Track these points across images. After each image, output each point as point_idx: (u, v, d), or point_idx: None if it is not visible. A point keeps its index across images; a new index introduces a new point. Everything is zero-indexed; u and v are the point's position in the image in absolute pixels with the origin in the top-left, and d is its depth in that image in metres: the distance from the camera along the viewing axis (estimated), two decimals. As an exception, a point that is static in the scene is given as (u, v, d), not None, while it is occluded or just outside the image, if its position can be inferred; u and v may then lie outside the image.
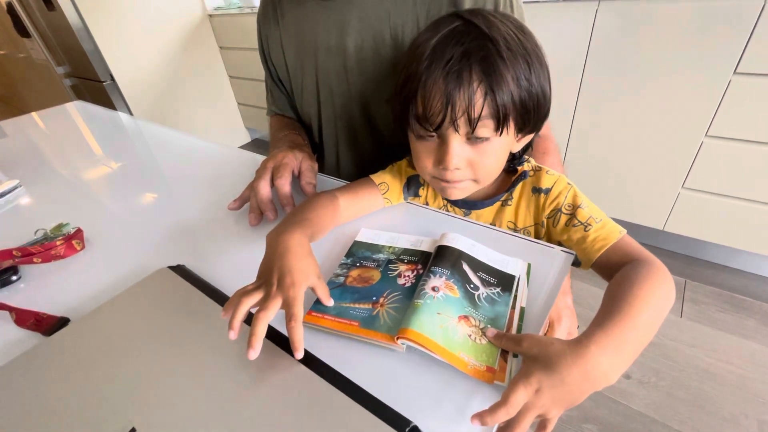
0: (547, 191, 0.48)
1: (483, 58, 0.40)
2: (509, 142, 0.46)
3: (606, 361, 0.30)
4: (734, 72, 1.05)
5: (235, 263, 0.48)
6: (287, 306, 0.33)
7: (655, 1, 1.07)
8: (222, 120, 2.57)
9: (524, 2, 1.23)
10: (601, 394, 1.05)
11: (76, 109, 1.17)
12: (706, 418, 0.97)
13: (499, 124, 0.42)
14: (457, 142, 0.43)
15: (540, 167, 0.51)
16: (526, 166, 0.51)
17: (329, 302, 0.39)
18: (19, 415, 0.32)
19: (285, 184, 0.54)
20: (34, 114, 1.15)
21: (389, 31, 0.57)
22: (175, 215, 0.60)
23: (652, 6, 1.08)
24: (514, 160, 0.51)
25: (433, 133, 0.44)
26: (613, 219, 0.45)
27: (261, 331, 0.32)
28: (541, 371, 0.30)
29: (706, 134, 1.16)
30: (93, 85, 2.05)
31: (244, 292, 0.35)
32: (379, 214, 0.54)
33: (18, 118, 1.13)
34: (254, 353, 0.31)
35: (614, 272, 0.40)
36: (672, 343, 1.15)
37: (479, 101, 0.40)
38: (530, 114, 0.44)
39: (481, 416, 0.28)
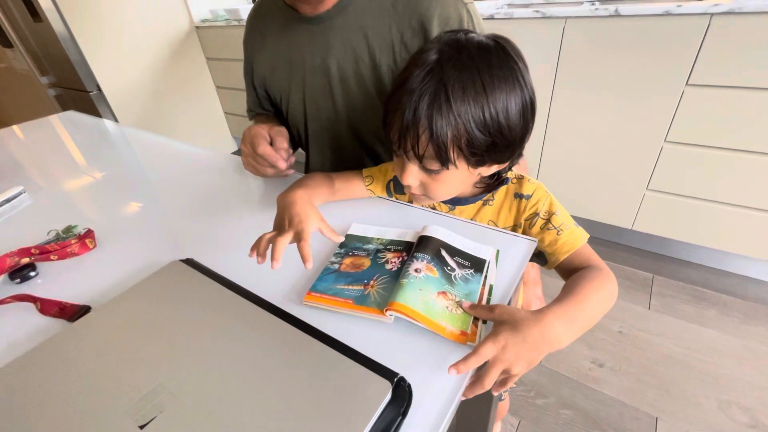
0: (528, 197, 0.55)
1: (431, 104, 0.43)
2: (463, 173, 0.49)
3: (559, 326, 0.38)
4: (686, 83, 1.16)
5: (237, 257, 0.53)
6: (297, 235, 0.42)
7: (615, 20, 1.18)
8: (209, 129, 2.60)
9: (500, 18, 1.33)
10: (577, 381, 1.12)
11: (69, 119, 1.20)
12: (671, 401, 1.05)
13: (443, 163, 0.46)
14: (411, 167, 0.49)
15: (522, 176, 0.57)
16: (508, 174, 0.56)
17: (337, 238, 0.48)
18: (50, 392, 0.36)
19: (267, 149, 0.60)
20: (30, 123, 1.18)
21: (368, 53, 0.63)
22: (176, 215, 0.64)
23: (613, 24, 1.19)
24: (492, 177, 0.55)
25: (398, 154, 0.50)
26: (586, 219, 0.53)
27: (280, 248, 0.41)
28: (508, 331, 0.36)
29: (665, 140, 1.26)
30: (78, 95, 2.05)
31: (264, 234, 0.43)
32: (368, 211, 0.60)
33: (13, 127, 1.15)
34: (278, 264, 0.40)
35: (571, 273, 0.49)
36: (641, 334, 1.24)
37: (423, 143, 0.45)
38: (484, 153, 0.46)
39: (456, 365, 0.34)
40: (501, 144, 0.46)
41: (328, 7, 0.63)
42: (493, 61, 0.45)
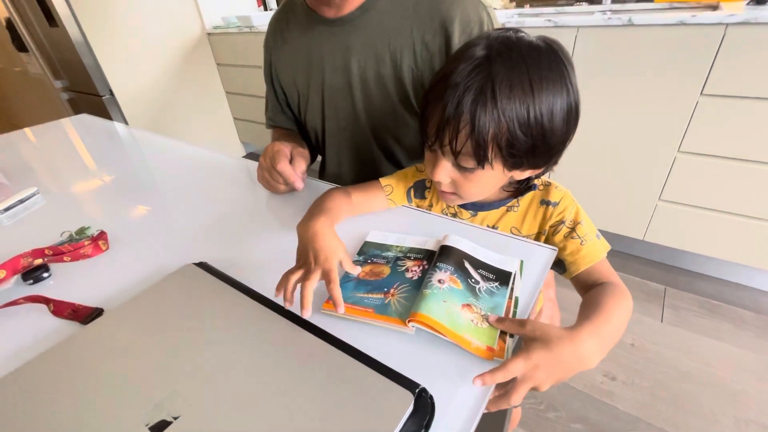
0: (555, 204, 0.54)
1: (476, 99, 0.42)
2: (498, 174, 0.48)
3: (592, 346, 0.37)
4: (701, 93, 1.15)
5: (250, 261, 0.53)
6: (326, 275, 0.40)
7: (628, 29, 1.17)
8: (218, 134, 2.61)
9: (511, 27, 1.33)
10: (589, 395, 1.09)
11: (81, 122, 1.21)
12: (686, 417, 1.03)
13: (479, 161, 0.45)
14: (444, 163, 0.48)
15: (549, 182, 0.56)
16: (536, 180, 0.55)
17: (355, 271, 0.46)
18: (63, 397, 0.35)
19: (287, 167, 0.61)
20: (43, 125, 1.18)
21: (389, 54, 0.64)
22: (188, 218, 0.64)
23: (626, 33, 1.18)
24: (522, 182, 0.54)
25: (433, 148, 0.49)
26: (597, 229, 0.52)
27: (309, 295, 0.39)
28: (541, 350, 0.35)
29: (678, 150, 1.25)
30: (91, 99, 2.08)
31: (290, 272, 0.42)
32: (386, 219, 0.59)
33: (25, 130, 1.16)
34: (308, 312, 0.38)
35: (588, 285, 0.49)
36: (654, 347, 1.21)
37: (462, 138, 0.44)
38: (523, 155, 0.46)
39: (482, 377, 0.33)
40: (541, 148, 0.46)
41: (351, 9, 0.64)
42: (543, 62, 0.44)
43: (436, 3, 0.60)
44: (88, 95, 2.08)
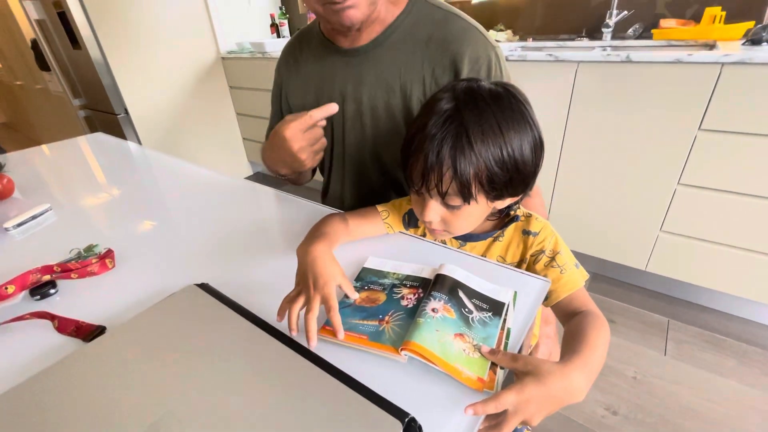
0: (535, 234, 0.57)
1: (454, 146, 0.47)
2: (482, 207, 0.52)
3: (581, 379, 0.38)
4: (699, 128, 1.17)
5: (250, 281, 0.54)
6: (325, 301, 0.42)
7: (627, 66, 1.21)
8: (227, 153, 2.68)
9: (514, 59, 1.38)
10: (589, 429, 1.07)
11: (96, 140, 1.25)
12: (691, 456, 0.99)
13: (465, 198, 0.49)
14: (432, 204, 0.51)
15: (530, 214, 0.59)
16: (518, 212, 0.59)
17: (354, 295, 0.47)
18: (63, 414, 0.36)
19: (317, 113, 0.58)
20: (60, 143, 1.23)
21: (399, 85, 0.67)
22: (192, 239, 0.66)
23: (625, 69, 1.22)
24: (503, 210, 0.58)
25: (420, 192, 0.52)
26: (598, 258, 0.54)
27: (313, 326, 0.41)
28: (534, 385, 0.36)
29: (678, 182, 1.26)
30: (106, 117, 2.15)
31: (290, 300, 0.44)
32: (384, 245, 0.61)
33: (41, 147, 1.20)
34: (314, 343, 0.41)
35: (568, 313, 0.51)
36: (657, 381, 1.19)
37: (447, 181, 0.48)
38: (502, 188, 0.50)
39: (474, 406, 0.34)
40: (516, 178, 0.50)
41: (365, 42, 0.68)
42: (505, 106, 0.49)
43: (447, 41, 0.64)
44: (104, 113, 2.15)
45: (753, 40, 1.17)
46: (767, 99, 1.06)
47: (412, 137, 0.51)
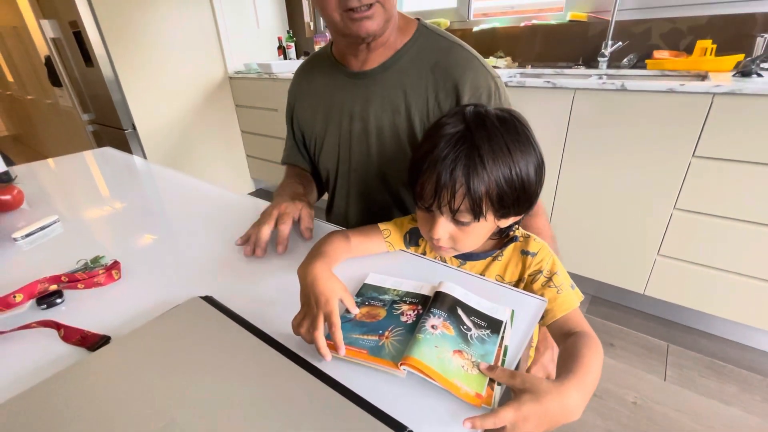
0: (534, 254, 0.59)
1: (467, 165, 0.49)
2: (489, 224, 0.55)
3: (577, 398, 0.39)
4: (693, 155, 1.20)
5: (252, 294, 0.55)
6: (328, 318, 0.43)
7: (622, 94, 1.25)
8: (231, 170, 2.72)
9: (513, 85, 1.43)
10: (590, 456, 1.05)
11: (104, 155, 1.28)
12: (693, 486, 0.97)
13: (476, 215, 0.51)
14: (442, 221, 0.54)
15: (529, 235, 0.61)
16: (517, 232, 0.61)
17: (355, 309, 0.49)
18: (65, 423, 0.36)
19: (286, 229, 0.65)
20: (69, 156, 1.26)
21: (404, 107, 0.71)
22: (197, 252, 0.67)
23: (620, 97, 1.26)
24: (503, 230, 0.61)
25: (431, 210, 0.55)
26: (596, 281, 0.56)
27: (322, 343, 0.43)
28: (531, 402, 0.37)
29: (674, 207, 1.29)
30: (114, 132, 2.20)
31: (299, 324, 0.45)
32: (385, 262, 0.62)
33: (53, 159, 1.23)
34: (328, 358, 0.43)
35: (563, 333, 0.52)
36: (658, 407, 1.18)
37: (459, 198, 0.50)
38: (510, 206, 0.53)
39: (473, 420, 0.35)
40: (523, 197, 0.53)
41: (374, 66, 0.72)
42: (511, 129, 0.52)
43: (451, 69, 0.68)
44: (112, 128, 2.20)
45: (743, 72, 1.22)
46: (758, 128, 1.09)
47: (422, 157, 0.53)
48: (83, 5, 1.84)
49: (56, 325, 0.48)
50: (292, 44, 2.60)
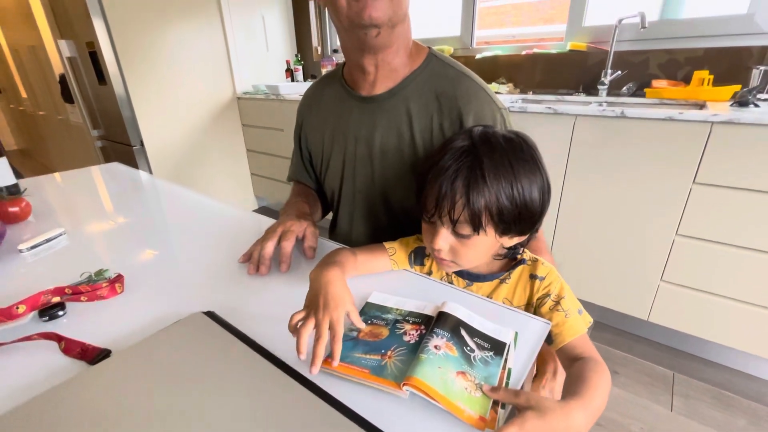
0: (542, 279, 0.59)
1: (468, 177, 0.51)
2: (490, 240, 0.55)
3: (581, 419, 0.39)
4: (693, 182, 1.21)
5: (255, 310, 0.55)
6: (332, 325, 0.44)
7: (622, 120, 1.28)
8: (235, 187, 2.74)
9: (515, 110, 1.46)
10: (595, 490, 1.01)
11: (111, 170, 1.30)
12: None
13: (475, 228, 0.52)
14: (443, 232, 0.55)
15: (537, 258, 0.62)
16: (525, 255, 0.61)
17: (361, 324, 0.49)
18: (67, 429, 0.36)
19: (289, 246, 0.65)
20: (77, 170, 1.28)
21: (409, 133, 0.73)
22: (200, 267, 0.67)
23: (620, 124, 1.29)
24: (509, 251, 0.61)
25: (432, 220, 0.56)
26: (600, 306, 0.56)
27: (320, 354, 0.43)
28: (535, 420, 0.37)
29: (676, 233, 1.29)
30: (122, 147, 2.24)
31: (302, 326, 0.45)
32: (388, 281, 0.62)
33: (61, 173, 1.25)
34: (315, 370, 0.43)
35: (572, 357, 0.52)
36: (665, 439, 1.14)
37: (459, 209, 0.51)
38: (511, 222, 0.53)
39: None
40: (524, 215, 0.53)
41: (381, 91, 0.74)
42: (517, 149, 0.54)
43: (456, 98, 0.70)
44: (120, 144, 2.24)
45: (740, 102, 1.24)
46: (756, 157, 1.11)
47: (428, 169, 0.55)
48: (101, 27, 1.91)
49: (57, 338, 0.48)
50: (300, 67, 2.68)
